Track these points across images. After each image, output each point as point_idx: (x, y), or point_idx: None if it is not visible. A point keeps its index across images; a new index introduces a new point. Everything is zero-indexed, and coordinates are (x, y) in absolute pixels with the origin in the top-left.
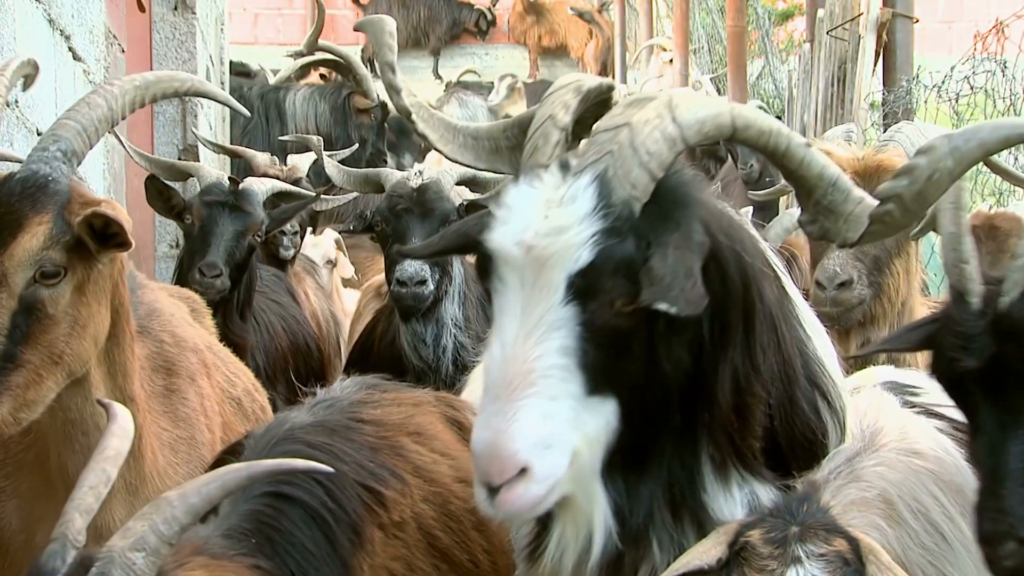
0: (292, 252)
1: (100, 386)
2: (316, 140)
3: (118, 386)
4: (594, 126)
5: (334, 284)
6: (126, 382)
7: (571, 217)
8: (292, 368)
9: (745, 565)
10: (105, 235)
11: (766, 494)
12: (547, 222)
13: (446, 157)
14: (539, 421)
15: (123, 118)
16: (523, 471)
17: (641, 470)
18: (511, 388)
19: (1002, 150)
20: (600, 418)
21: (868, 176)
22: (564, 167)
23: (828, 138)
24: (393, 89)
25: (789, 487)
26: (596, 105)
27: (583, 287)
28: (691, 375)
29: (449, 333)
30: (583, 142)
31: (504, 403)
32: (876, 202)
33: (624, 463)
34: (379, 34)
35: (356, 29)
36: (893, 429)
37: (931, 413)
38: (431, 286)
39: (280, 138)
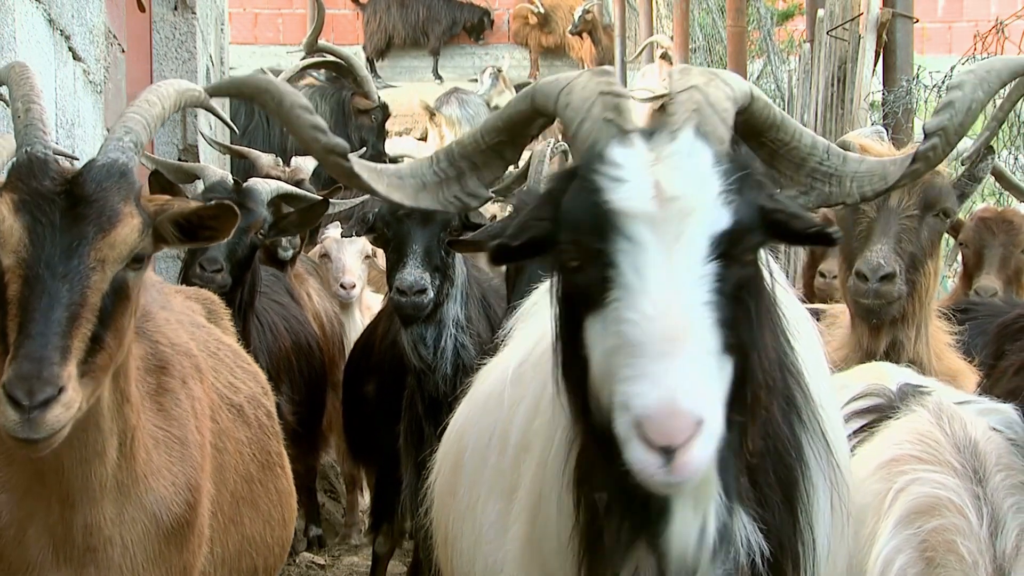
0: (291, 253)
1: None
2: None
3: (119, 387)
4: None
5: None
6: (126, 383)
7: (702, 168)
8: (296, 368)
9: None
10: (195, 228)
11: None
12: (680, 174)
13: (379, 197)
14: (704, 376)
15: (163, 123)
16: (699, 426)
17: (729, 440)
18: (672, 343)
19: (1013, 80)
20: (726, 377)
21: None
22: (658, 126)
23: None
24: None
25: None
26: None
27: (721, 238)
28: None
29: (450, 334)
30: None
31: (669, 360)
32: (871, 159)
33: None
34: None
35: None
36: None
37: None
38: (431, 294)
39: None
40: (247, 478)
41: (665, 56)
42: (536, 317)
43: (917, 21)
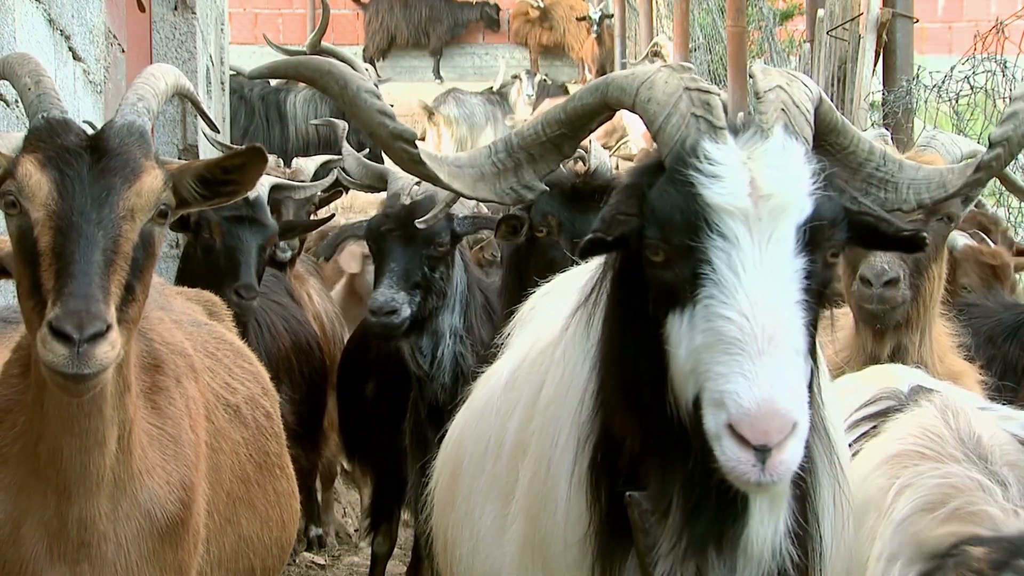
0: (290, 254)
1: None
2: (342, 125)
3: (121, 373)
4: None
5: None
6: (127, 369)
7: (795, 166)
8: (295, 368)
9: None
10: (218, 184)
11: None
12: (775, 172)
13: (440, 186)
14: (796, 377)
15: (165, 100)
16: (793, 428)
17: None
18: (769, 342)
19: None
20: (808, 378)
21: None
22: (748, 124)
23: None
24: (386, 116)
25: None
26: None
27: (810, 237)
28: None
29: (447, 345)
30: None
31: (766, 359)
32: (928, 167)
33: None
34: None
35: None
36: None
37: None
38: (405, 313)
39: (312, 122)
40: (243, 479)
41: (659, 54)
42: (533, 322)
43: (917, 21)
